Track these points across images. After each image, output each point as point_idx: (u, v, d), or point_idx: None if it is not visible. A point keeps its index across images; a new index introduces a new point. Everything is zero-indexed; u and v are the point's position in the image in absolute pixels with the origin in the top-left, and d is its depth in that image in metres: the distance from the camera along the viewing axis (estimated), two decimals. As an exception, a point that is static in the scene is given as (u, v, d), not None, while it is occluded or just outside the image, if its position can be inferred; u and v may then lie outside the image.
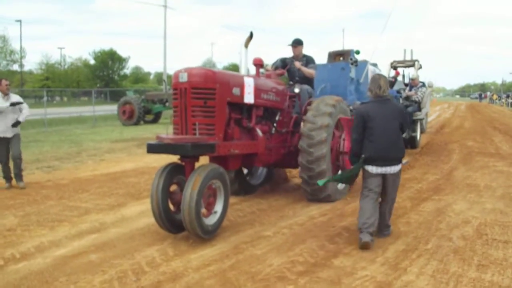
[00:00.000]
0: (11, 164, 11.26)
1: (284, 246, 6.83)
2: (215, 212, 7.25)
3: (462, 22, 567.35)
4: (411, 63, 21.77)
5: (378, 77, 7.35)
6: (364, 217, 6.86)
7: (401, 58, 22.87)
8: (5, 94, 11.01)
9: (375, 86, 7.14)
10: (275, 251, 6.64)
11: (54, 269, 6.12)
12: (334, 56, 14.48)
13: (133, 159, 15.48)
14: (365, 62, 13.67)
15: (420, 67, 21.18)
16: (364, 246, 6.68)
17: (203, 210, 6.94)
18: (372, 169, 6.96)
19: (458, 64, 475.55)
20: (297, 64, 10.23)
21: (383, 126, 6.91)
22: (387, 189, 7.12)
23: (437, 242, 6.96)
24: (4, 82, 11.02)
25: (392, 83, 17.40)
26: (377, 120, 6.92)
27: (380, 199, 7.20)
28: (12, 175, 11.27)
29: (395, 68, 21.77)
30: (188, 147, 6.79)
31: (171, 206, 7.22)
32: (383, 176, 7.01)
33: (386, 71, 21.49)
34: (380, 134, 6.89)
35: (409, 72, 21.95)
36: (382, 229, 7.31)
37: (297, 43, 10.49)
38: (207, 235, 6.93)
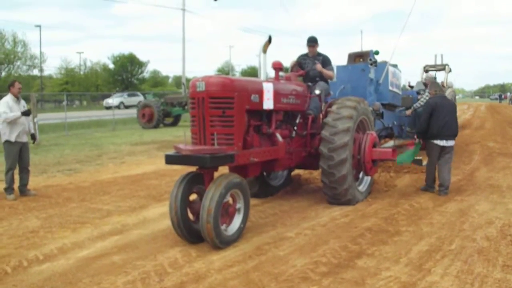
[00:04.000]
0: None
1: (306, 247, 6.81)
2: (235, 222, 7.19)
3: (481, 22, 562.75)
4: (441, 67, 23.24)
5: (436, 83, 11.83)
6: (430, 180, 10.37)
7: (430, 62, 23.86)
8: (17, 98, 10.66)
9: (438, 88, 10.76)
10: (298, 252, 6.63)
11: (77, 270, 6.17)
12: (354, 57, 14.43)
13: (154, 161, 15.53)
14: (384, 63, 13.62)
15: (450, 71, 22.64)
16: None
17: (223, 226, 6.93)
18: (436, 142, 10.14)
19: (477, 65, 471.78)
20: (319, 67, 10.12)
21: (444, 113, 10.08)
22: (442, 157, 10.21)
23: (461, 243, 6.91)
24: (17, 85, 10.68)
25: (425, 84, 17.79)
26: (440, 109, 10.10)
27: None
28: (17, 186, 10.76)
29: (427, 71, 22.64)
30: (206, 159, 6.73)
31: (191, 216, 7.18)
32: (442, 148, 10.16)
33: (419, 74, 22.99)
34: (442, 118, 10.05)
35: (423, 75, 22.48)
36: (440, 188, 10.14)
37: (314, 42, 10.37)
38: (226, 245, 6.86)
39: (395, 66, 15.07)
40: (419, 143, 10.89)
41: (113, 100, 52.40)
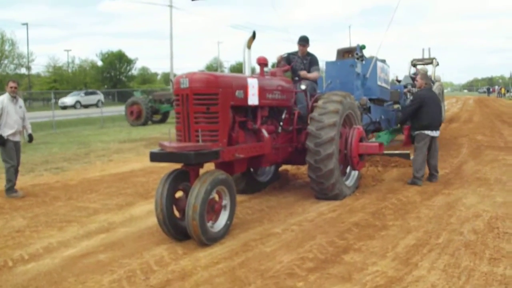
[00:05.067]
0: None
1: (293, 243, 6.79)
2: (221, 219, 7.16)
3: (469, 16, 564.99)
4: (429, 61, 23.63)
5: (426, 75, 11.86)
6: (417, 169, 10.42)
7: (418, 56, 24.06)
8: (13, 97, 10.59)
9: (428, 80, 11.19)
10: (285, 248, 6.60)
11: (62, 269, 6.12)
12: (343, 53, 14.49)
13: (141, 159, 15.42)
14: (372, 59, 13.63)
15: (438, 64, 22.95)
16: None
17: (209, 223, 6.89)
18: (428, 132, 10.49)
19: (466, 58, 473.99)
20: (303, 73, 10.14)
21: (433, 105, 10.52)
22: (432, 147, 10.69)
23: (448, 236, 6.91)
24: (10, 83, 10.59)
25: (413, 79, 17.99)
26: (430, 101, 10.50)
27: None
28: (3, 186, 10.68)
29: (414, 65, 22.83)
30: (191, 156, 6.70)
31: (176, 213, 7.14)
32: (431, 138, 10.57)
33: (407, 68, 23.25)
34: (432, 110, 10.48)
35: (410, 69, 22.75)
36: (431, 177, 10.78)
37: (305, 42, 10.37)
38: (212, 242, 6.82)
39: (383, 61, 15.09)
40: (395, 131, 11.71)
41: (68, 99, 50.29)
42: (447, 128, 23.66)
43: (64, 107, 57.87)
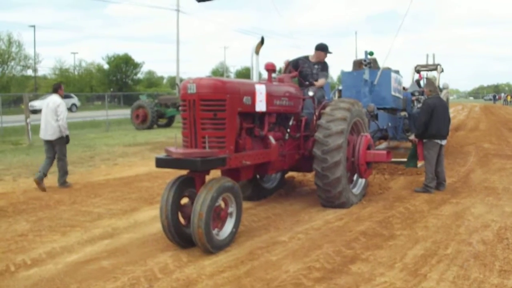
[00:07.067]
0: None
1: (300, 252, 6.69)
2: (227, 227, 7.07)
3: (475, 23, 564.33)
4: (433, 67, 22.97)
5: (431, 82, 12.08)
6: (430, 178, 10.44)
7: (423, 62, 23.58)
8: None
9: (433, 87, 11.11)
10: (291, 257, 6.51)
11: (65, 275, 6.05)
12: (359, 64, 14.60)
13: (147, 163, 15.35)
14: (388, 70, 13.71)
15: (442, 71, 22.40)
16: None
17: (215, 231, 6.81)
18: (437, 141, 10.49)
19: (472, 65, 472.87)
20: (317, 83, 10.00)
21: (442, 113, 10.47)
22: (440, 155, 10.62)
23: (456, 247, 6.82)
24: (63, 87, 12.59)
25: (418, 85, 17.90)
26: (439, 109, 10.40)
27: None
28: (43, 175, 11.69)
29: (418, 71, 22.45)
30: (197, 163, 6.61)
31: (182, 220, 7.06)
32: (440, 146, 10.54)
33: (410, 74, 22.53)
34: (441, 118, 10.41)
35: (414, 75, 22.51)
36: (438, 185, 10.65)
37: (323, 50, 10.21)
38: (217, 250, 6.73)
39: (397, 72, 15.13)
40: (415, 144, 11.02)
41: (37, 103, 47.78)
42: (453, 136, 23.51)
43: (34, 111, 56.84)
